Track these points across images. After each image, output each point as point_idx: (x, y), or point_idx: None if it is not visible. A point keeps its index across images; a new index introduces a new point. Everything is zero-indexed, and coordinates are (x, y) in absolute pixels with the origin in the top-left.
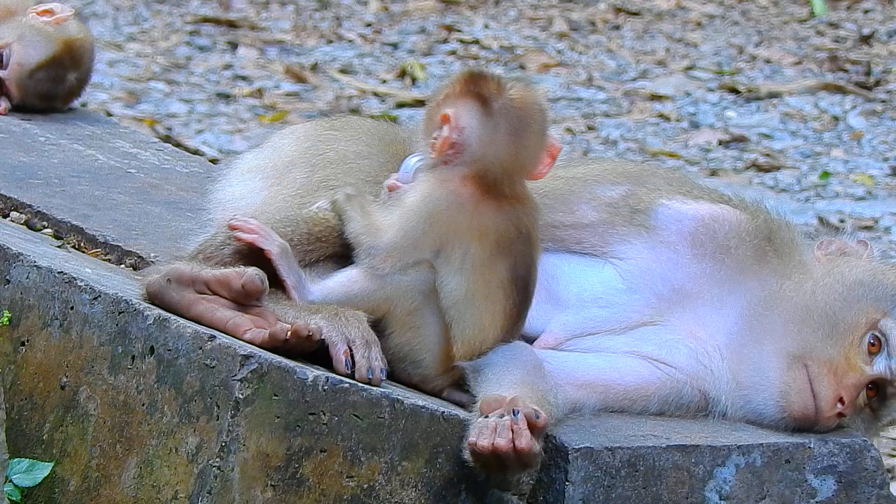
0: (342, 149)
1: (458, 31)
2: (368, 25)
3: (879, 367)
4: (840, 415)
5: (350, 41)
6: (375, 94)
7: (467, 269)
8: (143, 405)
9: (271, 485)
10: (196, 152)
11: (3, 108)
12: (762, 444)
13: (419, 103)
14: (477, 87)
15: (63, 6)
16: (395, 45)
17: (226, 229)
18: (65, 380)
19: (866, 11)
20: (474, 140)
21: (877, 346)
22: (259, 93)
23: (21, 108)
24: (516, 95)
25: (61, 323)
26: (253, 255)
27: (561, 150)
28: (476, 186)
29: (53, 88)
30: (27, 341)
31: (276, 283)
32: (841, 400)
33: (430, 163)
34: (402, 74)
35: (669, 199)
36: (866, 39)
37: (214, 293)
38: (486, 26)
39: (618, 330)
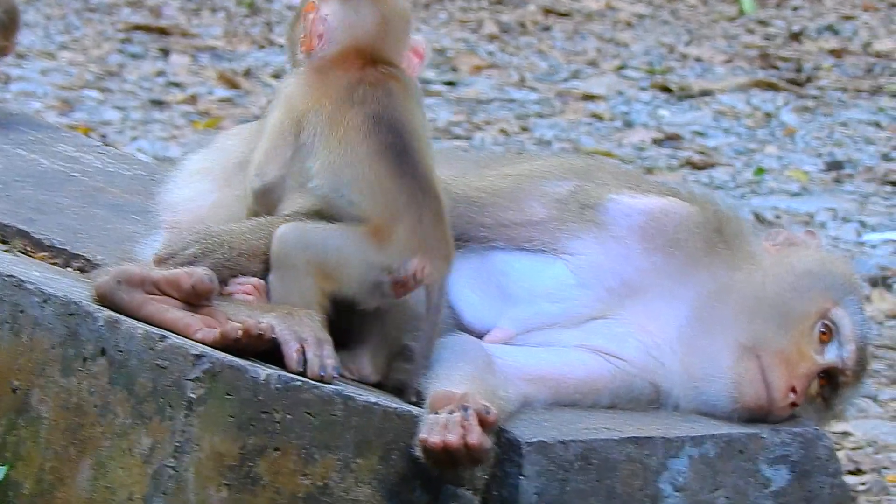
0: None
1: None
2: None
3: (831, 355)
4: (793, 405)
5: (282, 46)
6: None
7: (319, 141)
8: (96, 407)
9: (226, 484)
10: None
11: None
12: (715, 434)
13: None
14: None
15: None
16: None
17: (197, 240)
18: (16, 383)
19: (795, 9)
20: (337, 24)
21: (827, 335)
22: (193, 99)
23: None
24: None
25: (11, 326)
26: (221, 272)
27: (426, 53)
28: (339, 68)
29: None
30: None
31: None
32: (793, 389)
33: (298, 61)
34: None
35: (618, 193)
36: (796, 36)
37: (164, 294)
38: (417, 29)
39: (568, 324)
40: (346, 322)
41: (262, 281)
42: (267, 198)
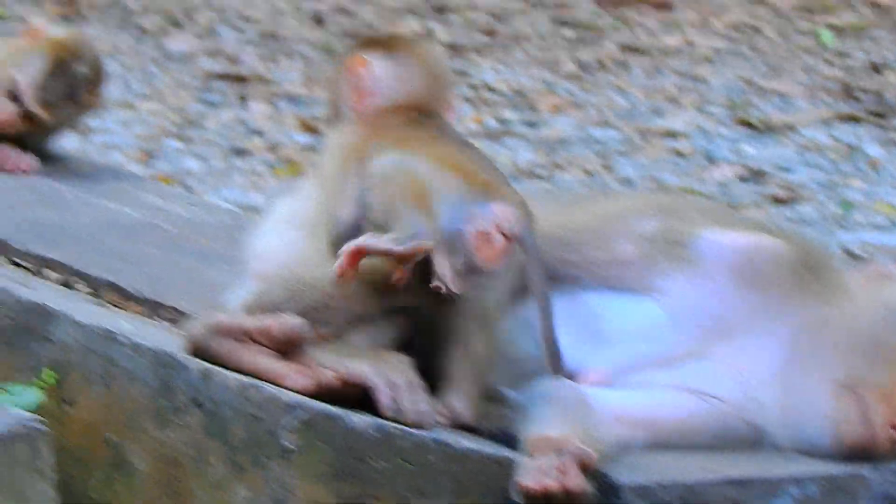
0: None
1: (468, 75)
2: None
3: None
4: (894, 441)
5: None
6: None
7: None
8: (191, 458)
9: None
10: None
11: (28, 167)
12: (816, 474)
13: None
14: (378, 40)
15: (39, 20)
16: None
17: (282, 283)
18: (110, 436)
19: (874, 40)
20: (387, 80)
21: None
22: (273, 146)
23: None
24: (414, 40)
25: (104, 379)
26: (318, 317)
27: (456, 104)
28: (389, 117)
29: (72, 88)
30: (72, 400)
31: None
32: (894, 426)
33: (341, 115)
34: None
35: (707, 230)
36: (877, 68)
37: (256, 342)
38: (495, 70)
39: (662, 364)
40: (437, 363)
41: None
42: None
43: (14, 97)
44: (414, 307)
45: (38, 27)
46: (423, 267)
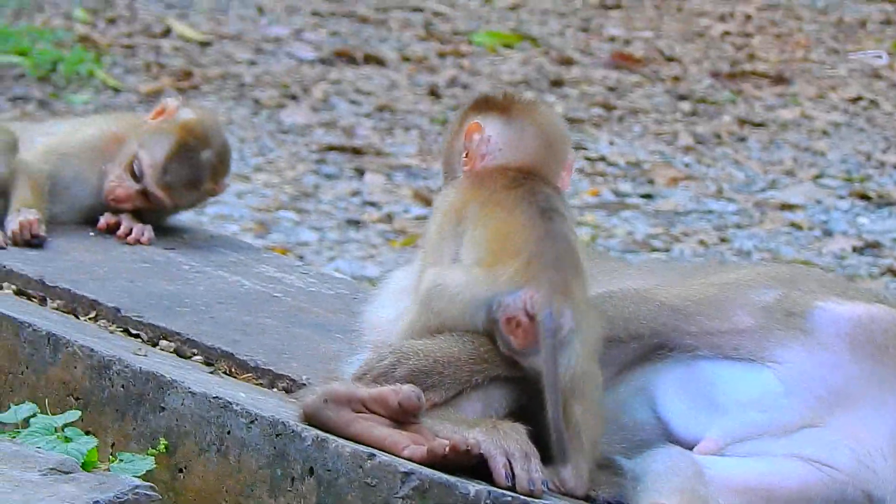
0: None
1: (584, 148)
2: None
3: None
4: None
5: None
6: None
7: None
8: None
9: None
10: None
11: (145, 239)
12: None
13: None
14: (494, 102)
15: (172, 100)
16: None
17: (393, 351)
18: None
19: None
20: (502, 145)
21: None
22: (388, 218)
23: (176, 209)
24: (531, 104)
25: (218, 448)
26: (419, 381)
27: (573, 166)
28: (498, 174)
29: (194, 172)
30: (185, 468)
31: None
32: None
33: (455, 178)
34: None
35: (824, 300)
36: None
37: (371, 411)
38: (612, 143)
39: (778, 433)
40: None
41: None
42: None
43: (136, 174)
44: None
45: (171, 106)
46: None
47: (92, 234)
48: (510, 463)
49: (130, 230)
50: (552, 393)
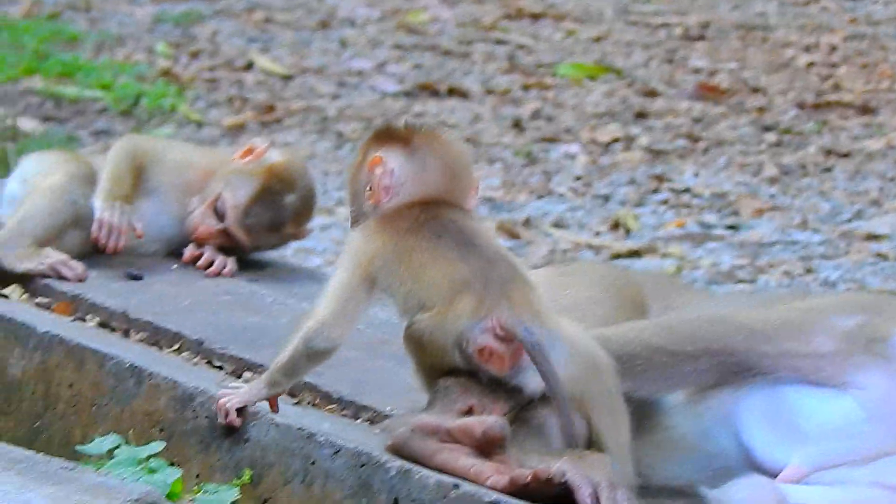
0: (575, 294)
1: (669, 180)
2: (578, 179)
3: None
4: None
5: (561, 195)
6: (590, 247)
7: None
8: None
9: None
10: None
11: (227, 271)
12: None
13: (634, 254)
14: (395, 133)
15: (261, 141)
16: (606, 197)
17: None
18: None
19: None
20: (405, 177)
21: None
22: None
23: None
24: (431, 133)
25: (303, 479)
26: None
27: (479, 185)
28: (406, 212)
29: (276, 217)
30: (269, 499)
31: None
32: None
33: (362, 215)
34: (616, 226)
35: None
36: None
37: (457, 441)
38: (697, 174)
39: (861, 461)
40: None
41: None
42: (324, 358)
43: (219, 213)
44: None
45: (259, 147)
46: None
47: (175, 266)
48: (596, 492)
49: (212, 262)
50: (562, 402)
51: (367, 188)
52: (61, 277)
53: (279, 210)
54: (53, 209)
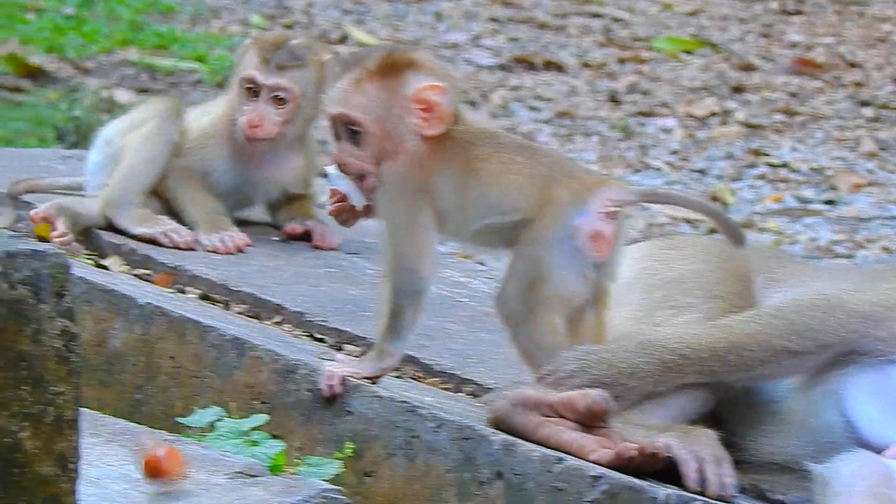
0: (679, 267)
1: (766, 154)
2: (675, 153)
3: None
4: None
5: (657, 169)
6: (687, 221)
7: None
8: None
9: None
10: None
11: (335, 242)
12: None
13: None
14: (410, 61)
15: None
16: (702, 172)
17: (577, 357)
18: None
19: None
20: (445, 101)
21: None
22: None
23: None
24: (423, 56)
25: (406, 452)
26: (613, 392)
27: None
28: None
29: None
30: (372, 472)
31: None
32: None
33: (394, 148)
34: (713, 200)
35: None
36: None
37: (560, 415)
38: (794, 149)
39: None
40: (739, 437)
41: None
42: (424, 300)
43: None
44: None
45: None
46: None
47: (275, 238)
48: (701, 467)
49: (321, 235)
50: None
51: (419, 117)
52: (175, 245)
53: None
54: (152, 156)
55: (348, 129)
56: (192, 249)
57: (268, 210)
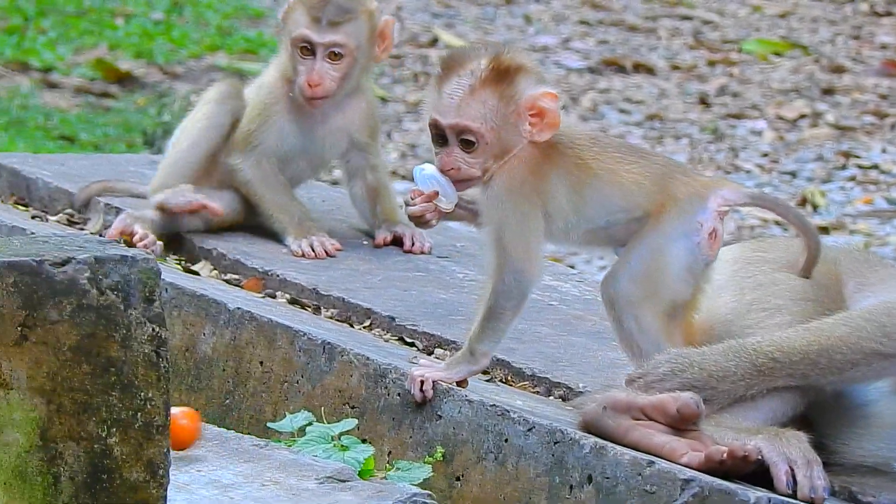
0: (771, 270)
1: (856, 156)
2: (765, 155)
3: None
4: None
5: (747, 171)
6: (777, 224)
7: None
8: None
9: None
10: None
11: (427, 248)
12: None
13: (822, 231)
14: (521, 68)
15: None
16: (793, 174)
17: (668, 360)
18: None
19: None
20: (556, 107)
21: None
22: None
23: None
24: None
25: (496, 456)
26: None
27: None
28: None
29: None
30: (462, 476)
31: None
32: None
33: (506, 151)
34: (803, 202)
35: None
36: None
37: (650, 419)
38: (884, 151)
39: None
40: (829, 439)
41: None
42: (524, 304)
43: None
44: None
45: None
46: None
47: (365, 242)
48: (792, 469)
49: (412, 239)
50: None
51: (532, 123)
52: (180, 210)
53: None
54: (194, 141)
55: (461, 138)
56: (196, 211)
57: (344, 173)
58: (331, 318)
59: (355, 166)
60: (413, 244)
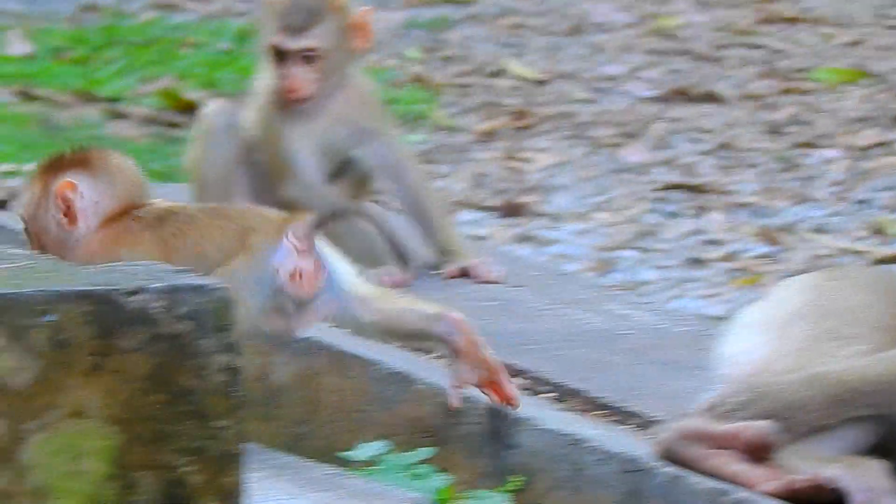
0: (847, 298)
1: None
2: (837, 184)
3: None
4: None
5: (819, 200)
6: (849, 252)
7: None
8: None
9: None
10: None
11: (495, 275)
12: None
13: (894, 260)
14: (69, 160)
15: None
16: (865, 202)
17: (744, 389)
18: None
19: None
20: (98, 196)
21: None
22: (731, 256)
23: None
24: (99, 152)
25: (571, 485)
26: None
27: None
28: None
29: None
30: None
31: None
32: None
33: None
34: (876, 231)
35: None
36: None
37: (726, 447)
38: None
39: None
40: None
41: None
42: None
43: None
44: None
45: None
46: None
47: (433, 272)
48: (870, 499)
49: (482, 268)
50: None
51: (61, 215)
52: None
53: None
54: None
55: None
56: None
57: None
58: (403, 347)
59: (381, 164)
60: (482, 273)
